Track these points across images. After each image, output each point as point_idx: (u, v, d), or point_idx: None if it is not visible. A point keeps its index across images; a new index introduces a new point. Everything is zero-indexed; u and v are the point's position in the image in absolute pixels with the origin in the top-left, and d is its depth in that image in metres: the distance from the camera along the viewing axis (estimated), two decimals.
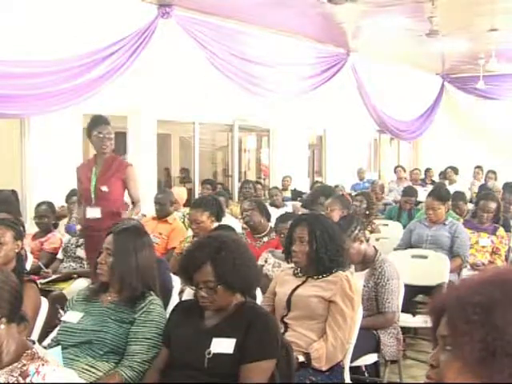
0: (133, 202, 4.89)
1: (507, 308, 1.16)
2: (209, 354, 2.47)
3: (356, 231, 3.91)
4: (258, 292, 3.46)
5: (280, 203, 8.40)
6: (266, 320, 2.56)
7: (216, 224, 4.71)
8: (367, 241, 4.00)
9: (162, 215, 5.93)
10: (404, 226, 6.29)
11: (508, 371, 1.13)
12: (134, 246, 2.89)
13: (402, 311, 4.07)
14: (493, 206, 5.82)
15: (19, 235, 3.43)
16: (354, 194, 8.62)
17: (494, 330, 1.15)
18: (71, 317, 2.89)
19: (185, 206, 7.35)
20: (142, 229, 3.15)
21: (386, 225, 6.70)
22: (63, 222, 6.33)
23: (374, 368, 3.94)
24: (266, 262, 4.38)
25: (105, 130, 4.70)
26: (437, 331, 1.29)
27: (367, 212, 6.35)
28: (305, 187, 10.41)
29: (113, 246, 2.87)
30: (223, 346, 2.47)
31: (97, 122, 4.74)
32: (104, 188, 4.57)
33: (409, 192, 7.56)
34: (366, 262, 3.92)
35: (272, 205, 7.93)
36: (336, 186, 9.33)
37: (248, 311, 2.59)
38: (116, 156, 4.86)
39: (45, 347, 2.63)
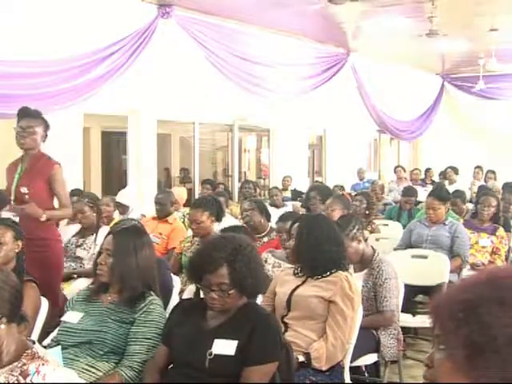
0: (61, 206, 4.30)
1: (495, 304, 1.15)
2: (210, 354, 2.46)
3: (354, 230, 3.90)
4: None
5: (280, 203, 8.40)
6: (269, 322, 2.56)
7: (216, 224, 4.71)
8: (366, 240, 4.00)
9: (162, 215, 5.93)
10: (404, 226, 6.29)
11: (496, 369, 1.12)
12: (134, 245, 2.89)
13: (402, 311, 4.07)
14: (494, 201, 5.84)
15: (19, 235, 3.43)
16: (353, 194, 8.62)
17: (479, 326, 1.14)
18: (71, 317, 2.89)
19: (185, 206, 7.35)
20: (142, 228, 3.14)
21: (386, 225, 6.70)
22: (63, 223, 6.32)
23: (374, 368, 3.94)
24: (265, 262, 4.37)
25: (24, 123, 4.12)
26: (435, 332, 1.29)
27: (367, 212, 6.35)
28: (305, 187, 10.39)
29: (112, 247, 2.87)
30: (225, 347, 2.47)
31: (18, 116, 4.20)
32: (23, 189, 4.02)
33: (408, 192, 7.56)
34: (364, 262, 3.91)
35: (272, 205, 7.93)
36: (335, 186, 9.33)
37: (250, 313, 2.59)
38: (44, 154, 4.30)
39: (45, 347, 2.63)
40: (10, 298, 1.98)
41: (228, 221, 5.31)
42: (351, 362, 3.33)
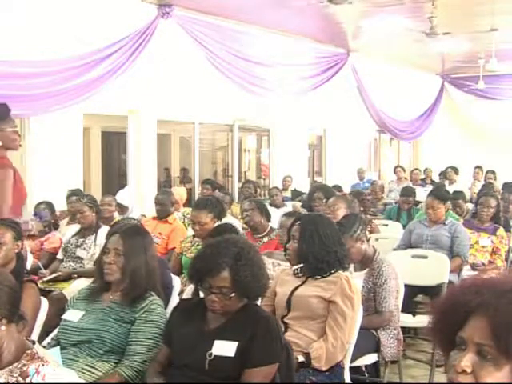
0: None
1: None
2: (210, 355, 2.46)
3: (358, 231, 3.90)
4: None
5: (280, 203, 8.40)
6: (269, 324, 2.55)
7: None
8: (368, 241, 4.00)
9: (162, 215, 5.92)
10: (403, 226, 6.29)
11: None
12: (143, 245, 2.90)
13: (402, 311, 4.06)
14: (493, 202, 5.83)
15: (19, 235, 3.43)
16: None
17: None
18: (72, 315, 2.89)
19: (185, 206, 7.35)
20: (144, 228, 3.16)
21: (386, 225, 6.70)
22: (63, 223, 6.33)
23: (374, 368, 3.94)
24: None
25: (14, 124, 4.15)
26: (463, 333, 1.24)
27: (361, 208, 6.39)
28: (305, 187, 10.40)
29: (123, 247, 2.85)
30: (225, 348, 2.47)
31: (7, 115, 4.13)
32: None
33: (406, 192, 7.56)
34: (365, 262, 3.91)
35: (272, 205, 7.93)
36: (334, 186, 9.32)
37: (251, 314, 2.58)
38: None
39: (44, 346, 2.63)
40: (9, 299, 1.98)
41: (228, 221, 5.30)
42: (351, 362, 3.33)
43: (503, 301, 1.21)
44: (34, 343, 2.07)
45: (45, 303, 3.31)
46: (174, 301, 3.48)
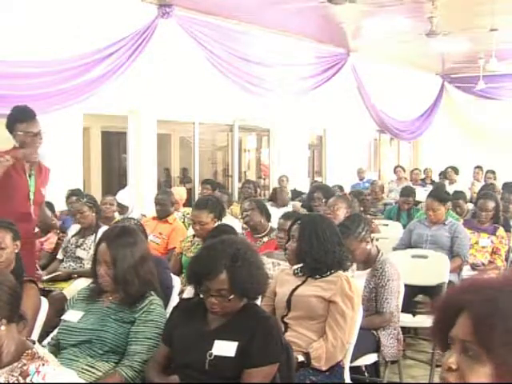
0: None
1: None
2: (210, 355, 2.46)
3: (363, 232, 3.90)
4: None
5: (286, 202, 8.40)
6: (269, 324, 2.54)
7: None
8: (372, 241, 4.00)
9: (162, 215, 5.92)
10: (403, 226, 6.29)
11: None
12: (131, 251, 2.86)
13: (402, 311, 4.06)
14: (491, 205, 5.82)
15: (17, 235, 3.43)
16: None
17: None
18: (72, 316, 2.89)
19: (185, 205, 7.34)
20: (131, 228, 3.12)
21: (386, 225, 6.70)
22: None
23: (374, 368, 3.94)
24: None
25: (38, 127, 4.34)
26: (451, 332, 1.26)
27: (362, 208, 6.40)
28: (305, 187, 10.40)
29: (110, 258, 2.82)
30: (225, 348, 2.46)
31: (27, 117, 4.33)
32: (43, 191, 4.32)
33: (406, 192, 7.56)
34: (369, 262, 3.92)
35: (272, 205, 7.93)
36: (334, 186, 9.32)
37: (251, 314, 2.58)
38: None
39: (44, 346, 2.63)
40: (9, 299, 1.98)
41: (228, 221, 5.31)
42: (351, 361, 3.33)
43: (481, 297, 1.23)
44: (34, 343, 2.07)
45: (45, 303, 3.30)
46: (174, 301, 3.48)
